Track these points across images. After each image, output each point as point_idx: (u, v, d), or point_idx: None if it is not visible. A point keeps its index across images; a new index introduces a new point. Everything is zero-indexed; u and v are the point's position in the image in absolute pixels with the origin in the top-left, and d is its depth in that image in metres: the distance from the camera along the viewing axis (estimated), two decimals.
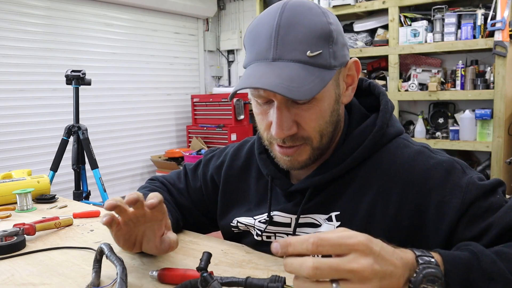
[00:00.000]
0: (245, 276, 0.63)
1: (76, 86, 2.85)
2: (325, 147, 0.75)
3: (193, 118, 4.86)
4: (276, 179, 0.83)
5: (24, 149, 3.59)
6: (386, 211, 0.72)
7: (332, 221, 0.76)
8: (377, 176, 0.74)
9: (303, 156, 0.74)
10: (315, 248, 0.47)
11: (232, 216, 0.91)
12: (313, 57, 0.67)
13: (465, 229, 0.66)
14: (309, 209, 0.79)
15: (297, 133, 0.71)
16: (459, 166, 0.71)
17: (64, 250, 0.87)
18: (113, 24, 4.26)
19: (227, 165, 0.94)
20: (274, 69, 0.67)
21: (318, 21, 0.69)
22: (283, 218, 0.82)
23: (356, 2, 3.40)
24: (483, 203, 0.66)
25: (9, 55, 3.46)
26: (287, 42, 0.67)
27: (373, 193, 0.73)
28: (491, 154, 2.92)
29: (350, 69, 0.76)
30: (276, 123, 0.69)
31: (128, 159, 4.43)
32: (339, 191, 0.77)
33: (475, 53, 3.14)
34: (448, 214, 0.67)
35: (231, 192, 0.93)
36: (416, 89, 3.23)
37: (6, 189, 1.23)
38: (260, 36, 0.70)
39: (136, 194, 0.66)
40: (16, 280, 0.73)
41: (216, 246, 0.87)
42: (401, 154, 0.75)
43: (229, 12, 5.35)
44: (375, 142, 0.75)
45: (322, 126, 0.72)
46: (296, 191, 0.80)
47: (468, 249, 0.58)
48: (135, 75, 4.47)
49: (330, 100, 0.72)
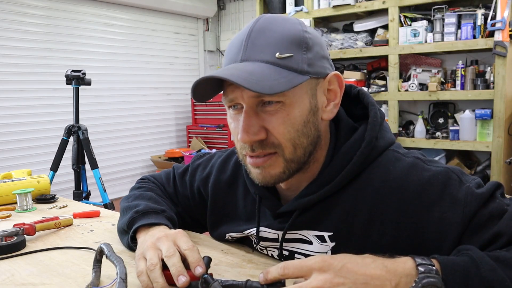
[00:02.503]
0: (245, 276, 0.63)
1: (76, 86, 2.85)
2: (300, 160, 0.70)
3: (193, 118, 4.86)
4: (264, 199, 0.79)
5: (24, 149, 3.59)
6: (383, 231, 0.68)
7: (325, 242, 0.73)
8: (370, 194, 0.70)
9: (276, 168, 0.70)
10: (283, 271, 0.56)
11: (223, 231, 0.89)
12: (282, 59, 0.65)
13: (470, 240, 0.63)
14: (296, 226, 0.76)
15: (267, 139, 0.68)
16: (455, 176, 0.67)
17: (64, 250, 0.87)
18: (113, 24, 4.26)
19: (214, 179, 0.91)
20: (238, 66, 0.66)
21: (292, 29, 0.68)
22: (270, 234, 0.80)
23: (356, 2, 3.40)
24: (484, 211, 0.63)
25: (9, 55, 3.46)
26: (257, 45, 0.67)
27: (367, 213, 0.70)
28: (491, 154, 2.92)
29: (331, 83, 0.72)
30: (242, 127, 0.67)
31: (128, 159, 4.43)
32: (329, 210, 0.73)
33: (475, 53, 3.14)
34: (449, 231, 0.64)
35: (220, 208, 0.91)
36: (416, 89, 3.23)
37: (6, 189, 1.23)
38: (233, 44, 0.70)
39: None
40: (16, 280, 0.73)
41: (216, 246, 0.87)
42: (393, 169, 0.70)
43: (229, 12, 5.35)
44: (364, 157, 0.71)
45: (292, 134, 0.68)
46: (284, 212, 0.77)
47: (467, 255, 0.57)
48: (135, 75, 4.47)
49: (303, 109, 0.68)
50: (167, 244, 0.69)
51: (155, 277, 0.65)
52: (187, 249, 0.67)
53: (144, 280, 0.66)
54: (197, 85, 0.67)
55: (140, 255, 0.70)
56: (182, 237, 0.71)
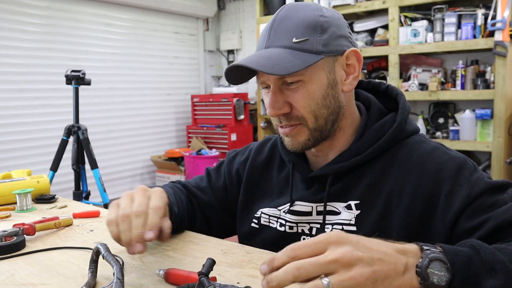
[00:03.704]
0: (245, 276, 0.63)
1: (76, 86, 2.85)
2: (323, 128, 0.80)
3: (193, 118, 4.86)
4: (297, 165, 0.88)
5: (24, 149, 3.59)
6: (401, 200, 0.76)
7: (351, 209, 0.80)
8: (395, 167, 0.79)
9: (302, 136, 0.81)
10: (294, 253, 0.50)
11: (256, 208, 0.94)
12: (298, 43, 0.76)
13: (466, 220, 0.70)
14: (328, 197, 0.83)
15: (291, 113, 0.79)
16: (471, 164, 0.76)
17: (64, 250, 0.87)
18: (113, 24, 4.25)
19: (252, 159, 1.00)
20: (260, 53, 0.77)
21: (309, 15, 0.78)
22: (304, 207, 0.86)
23: (356, 2, 3.40)
24: (489, 198, 0.70)
25: (9, 55, 3.46)
26: (278, 32, 0.78)
27: (391, 183, 0.78)
28: (491, 154, 2.92)
29: (349, 58, 0.81)
30: (269, 103, 0.79)
31: (128, 159, 4.43)
32: (357, 180, 0.81)
33: (475, 53, 3.14)
34: (455, 204, 0.71)
35: (254, 185, 0.97)
36: (416, 89, 3.23)
37: (6, 189, 1.23)
38: (262, 33, 0.82)
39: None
40: (16, 280, 0.73)
41: (216, 246, 0.87)
42: (418, 148, 0.80)
43: (229, 12, 5.35)
44: (394, 136, 0.80)
45: (312, 107, 0.78)
46: (315, 177, 0.85)
47: (467, 245, 0.59)
48: (135, 75, 4.47)
49: (321, 84, 0.78)
50: (141, 199, 0.76)
51: (124, 229, 0.71)
52: (151, 208, 0.74)
53: (113, 230, 0.73)
54: (228, 73, 0.79)
55: (115, 202, 0.77)
56: (156, 197, 0.78)
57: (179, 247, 0.86)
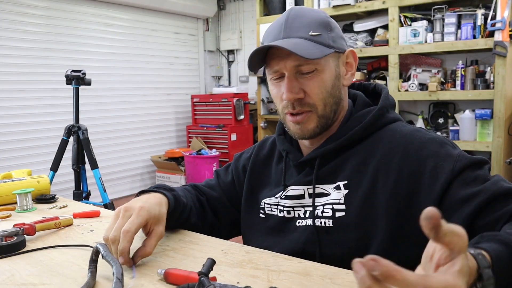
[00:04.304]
0: (245, 276, 0.63)
1: (76, 86, 2.85)
2: (329, 116, 0.88)
3: (193, 118, 4.86)
4: (290, 153, 0.96)
5: (24, 149, 3.59)
6: (387, 178, 0.81)
7: (340, 189, 0.86)
8: (379, 148, 0.85)
9: (311, 123, 0.87)
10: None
11: (260, 198, 1.00)
12: (314, 36, 0.84)
13: (455, 192, 0.74)
14: (317, 180, 0.89)
15: (304, 99, 0.86)
16: (450, 143, 0.83)
17: (64, 250, 0.87)
18: (113, 24, 4.26)
19: (255, 154, 1.07)
20: (283, 41, 0.84)
21: (319, 15, 0.88)
22: (296, 191, 0.92)
23: (356, 2, 3.40)
24: (471, 173, 0.75)
25: (9, 55, 3.46)
26: (294, 26, 0.85)
27: (376, 163, 0.84)
28: (491, 154, 2.92)
29: (348, 57, 0.91)
30: (286, 88, 0.85)
31: (128, 159, 4.44)
32: (344, 162, 0.88)
33: (475, 53, 3.14)
34: (440, 177, 0.76)
35: (256, 177, 1.04)
36: (416, 89, 3.23)
37: (6, 189, 1.23)
38: (271, 29, 0.89)
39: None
40: (16, 280, 0.73)
41: (216, 246, 0.87)
42: (400, 131, 0.86)
43: (229, 12, 5.36)
44: (375, 119, 0.88)
45: (324, 94, 0.86)
46: (305, 161, 0.92)
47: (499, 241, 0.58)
48: (135, 75, 4.47)
49: (331, 74, 0.87)
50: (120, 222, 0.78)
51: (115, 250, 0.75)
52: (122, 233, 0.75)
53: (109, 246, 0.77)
54: (253, 56, 0.85)
55: (116, 214, 0.80)
56: (136, 213, 0.79)
57: (179, 247, 0.86)
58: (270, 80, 0.91)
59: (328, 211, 0.86)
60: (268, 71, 0.89)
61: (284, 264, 0.76)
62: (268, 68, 0.89)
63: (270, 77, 0.90)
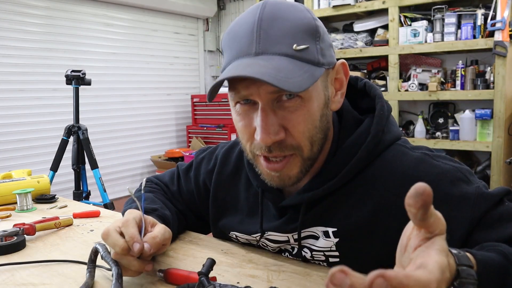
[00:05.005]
0: (245, 276, 0.63)
1: (76, 86, 2.85)
2: (315, 156, 0.68)
3: (193, 118, 4.86)
4: (267, 192, 0.77)
5: (24, 149, 3.59)
6: (388, 225, 0.67)
7: (329, 237, 0.72)
8: (376, 188, 0.68)
9: (294, 169, 0.66)
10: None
11: (226, 225, 0.87)
12: (299, 51, 0.61)
13: (476, 240, 0.61)
14: (305, 224, 0.73)
15: (285, 140, 0.64)
16: (463, 176, 0.66)
17: (64, 250, 0.87)
18: (113, 24, 4.25)
19: (217, 171, 0.89)
20: (258, 61, 0.60)
21: (303, 16, 0.64)
22: (279, 237, 0.77)
23: (356, 2, 3.40)
24: (494, 212, 0.62)
25: (9, 55, 3.46)
26: (271, 35, 0.61)
27: (373, 208, 0.68)
28: (491, 154, 2.92)
29: (338, 72, 0.69)
30: (261, 126, 0.61)
31: (128, 159, 4.43)
32: (335, 205, 0.71)
33: (475, 53, 3.14)
34: (456, 229, 0.62)
35: (221, 200, 0.89)
36: (416, 89, 3.23)
37: (6, 189, 1.23)
38: (239, 34, 0.64)
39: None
40: (16, 280, 0.73)
41: (216, 246, 0.87)
42: (400, 163, 0.68)
43: (229, 12, 5.35)
44: (369, 151, 0.69)
45: (311, 131, 0.65)
46: (287, 206, 0.75)
47: (496, 250, 0.55)
48: (135, 75, 4.47)
49: (319, 102, 0.65)
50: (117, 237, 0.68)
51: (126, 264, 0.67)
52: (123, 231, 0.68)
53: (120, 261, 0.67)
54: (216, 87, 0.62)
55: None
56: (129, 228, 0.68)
57: (179, 247, 0.86)
58: (234, 106, 0.67)
59: (320, 257, 0.74)
60: (232, 94, 0.65)
61: (284, 264, 0.76)
62: (233, 91, 0.64)
63: (235, 102, 0.66)
